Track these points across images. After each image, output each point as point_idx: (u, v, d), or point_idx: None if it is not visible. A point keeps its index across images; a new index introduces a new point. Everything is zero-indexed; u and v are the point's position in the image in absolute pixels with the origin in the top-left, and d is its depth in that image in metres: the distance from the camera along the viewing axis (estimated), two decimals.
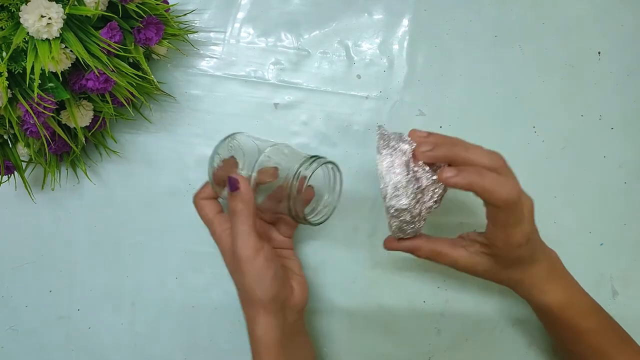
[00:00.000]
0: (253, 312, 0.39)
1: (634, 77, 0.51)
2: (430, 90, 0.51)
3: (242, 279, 0.38)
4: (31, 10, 0.37)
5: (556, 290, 0.40)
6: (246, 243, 0.37)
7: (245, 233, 0.37)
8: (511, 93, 0.51)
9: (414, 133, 0.37)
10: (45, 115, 0.40)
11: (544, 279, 0.40)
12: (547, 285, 0.40)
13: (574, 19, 0.51)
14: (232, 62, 0.51)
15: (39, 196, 0.50)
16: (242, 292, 0.40)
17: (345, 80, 0.51)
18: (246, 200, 0.38)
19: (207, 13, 0.51)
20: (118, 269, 0.50)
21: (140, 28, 0.43)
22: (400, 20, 0.51)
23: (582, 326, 0.40)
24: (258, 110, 0.51)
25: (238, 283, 0.40)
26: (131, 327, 0.49)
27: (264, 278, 0.38)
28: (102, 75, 0.41)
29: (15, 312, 0.50)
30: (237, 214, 0.38)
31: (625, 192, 0.50)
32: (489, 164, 0.35)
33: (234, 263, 0.39)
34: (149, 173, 0.50)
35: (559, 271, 0.41)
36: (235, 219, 0.38)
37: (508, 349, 0.49)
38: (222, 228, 0.41)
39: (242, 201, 0.38)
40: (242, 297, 0.40)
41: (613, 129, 0.50)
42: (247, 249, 0.37)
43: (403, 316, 0.49)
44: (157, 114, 0.51)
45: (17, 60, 0.39)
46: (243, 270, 0.38)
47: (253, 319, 0.39)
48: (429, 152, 0.36)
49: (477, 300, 0.49)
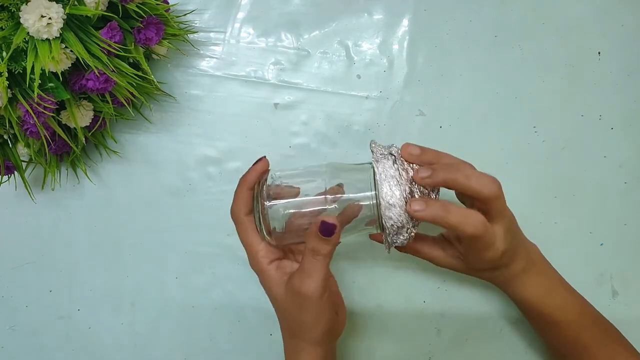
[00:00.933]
0: (304, 345, 0.38)
1: (634, 77, 0.51)
2: (430, 90, 0.51)
3: (301, 316, 0.37)
4: (31, 10, 0.37)
5: (534, 283, 0.40)
6: (319, 284, 0.35)
7: (321, 275, 0.35)
8: (511, 93, 0.51)
9: (406, 149, 0.37)
10: (45, 116, 0.40)
11: (522, 272, 0.40)
12: (525, 278, 0.40)
13: (574, 19, 0.51)
14: (232, 62, 0.51)
15: (39, 196, 0.50)
16: (294, 326, 0.39)
17: (345, 80, 0.51)
18: (336, 244, 0.36)
19: (207, 13, 0.51)
20: (118, 269, 0.50)
21: (140, 28, 0.43)
22: (400, 20, 0.51)
23: (561, 319, 0.40)
24: (258, 110, 0.51)
25: (292, 317, 0.38)
26: (131, 327, 0.49)
27: (325, 315, 0.37)
28: (102, 75, 0.41)
29: (15, 312, 0.50)
30: (321, 256, 0.35)
31: (626, 192, 0.50)
32: (487, 194, 0.35)
33: (292, 298, 0.37)
34: (149, 173, 0.50)
35: (538, 265, 0.41)
36: (316, 259, 0.35)
37: (508, 349, 0.49)
38: (269, 258, 0.39)
39: (332, 244, 0.35)
40: (292, 330, 0.39)
41: (613, 129, 0.50)
42: (318, 290, 0.35)
43: (403, 316, 0.49)
44: (157, 114, 0.51)
45: (17, 60, 0.39)
46: (306, 308, 0.36)
47: (302, 351, 0.38)
48: (428, 179, 0.35)
49: (477, 300, 0.49)
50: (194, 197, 0.50)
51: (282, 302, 0.38)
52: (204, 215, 0.50)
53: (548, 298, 0.40)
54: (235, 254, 0.49)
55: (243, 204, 0.39)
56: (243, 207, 0.39)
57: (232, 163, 0.50)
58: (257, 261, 0.38)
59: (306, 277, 0.36)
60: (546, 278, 0.41)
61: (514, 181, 0.39)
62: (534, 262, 0.40)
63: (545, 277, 0.41)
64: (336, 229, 0.34)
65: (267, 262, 0.38)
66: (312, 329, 0.37)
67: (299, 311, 0.37)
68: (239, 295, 0.49)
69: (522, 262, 0.39)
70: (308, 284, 0.35)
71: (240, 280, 0.49)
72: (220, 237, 0.50)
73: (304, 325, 0.37)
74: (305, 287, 0.35)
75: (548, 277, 0.41)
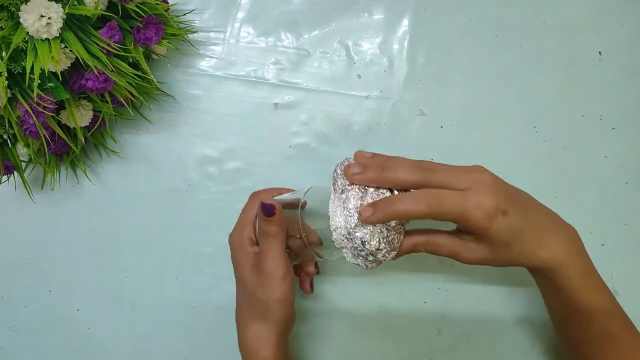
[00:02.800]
0: (264, 329, 0.40)
1: (634, 77, 0.51)
2: (430, 90, 0.51)
3: (267, 294, 0.39)
4: (31, 10, 0.37)
5: (576, 268, 0.37)
6: (279, 262, 0.39)
7: (278, 254, 0.39)
8: (512, 93, 0.51)
9: (359, 154, 0.38)
10: (44, 115, 0.40)
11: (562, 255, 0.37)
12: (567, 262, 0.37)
13: (574, 19, 0.51)
14: (232, 62, 0.51)
15: (39, 196, 0.50)
16: (257, 306, 0.40)
17: (345, 80, 0.51)
18: (280, 224, 0.39)
19: (207, 13, 0.51)
20: (118, 269, 0.50)
21: (139, 28, 0.43)
22: (401, 20, 0.51)
23: (598, 306, 0.38)
24: (258, 110, 0.51)
25: (256, 296, 0.40)
26: (131, 327, 0.49)
27: (288, 300, 0.39)
28: (101, 75, 0.41)
29: (15, 312, 0.50)
30: (272, 236, 0.39)
31: (626, 192, 0.50)
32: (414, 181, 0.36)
33: (258, 277, 0.39)
34: (149, 173, 0.50)
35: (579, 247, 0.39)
36: (269, 240, 0.39)
37: (509, 350, 0.49)
38: (253, 239, 0.42)
39: (277, 224, 0.38)
40: (254, 311, 0.40)
41: (614, 129, 0.50)
42: (279, 269, 0.39)
43: (403, 316, 0.49)
44: (157, 114, 0.51)
45: (17, 60, 0.39)
46: (270, 287, 0.39)
47: (262, 336, 0.40)
48: (358, 175, 0.37)
49: (478, 300, 0.49)
50: (193, 197, 0.50)
51: (248, 281, 0.40)
52: (204, 215, 0.50)
53: (589, 282, 0.38)
54: None
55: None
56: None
57: (232, 163, 0.50)
58: (242, 234, 0.42)
59: (265, 257, 0.39)
60: (587, 261, 0.39)
61: (514, 181, 0.39)
62: (574, 242, 0.38)
63: (586, 260, 0.39)
64: (275, 209, 0.38)
65: (250, 242, 0.41)
66: (277, 310, 0.39)
67: (263, 289, 0.39)
68: None
69: (559, 240, 0.37)
70: (268, 264, 0.39)
71: None
72: (220, 237, 0.49)
73: (269, 304, 0.39)
74: (268, 266, 0.39)
75: (588, 260, 0.39)
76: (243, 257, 0.41)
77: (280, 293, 0.39)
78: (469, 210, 0.34)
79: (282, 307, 0.39)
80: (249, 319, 0.41)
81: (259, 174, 0.50)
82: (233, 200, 0.50)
